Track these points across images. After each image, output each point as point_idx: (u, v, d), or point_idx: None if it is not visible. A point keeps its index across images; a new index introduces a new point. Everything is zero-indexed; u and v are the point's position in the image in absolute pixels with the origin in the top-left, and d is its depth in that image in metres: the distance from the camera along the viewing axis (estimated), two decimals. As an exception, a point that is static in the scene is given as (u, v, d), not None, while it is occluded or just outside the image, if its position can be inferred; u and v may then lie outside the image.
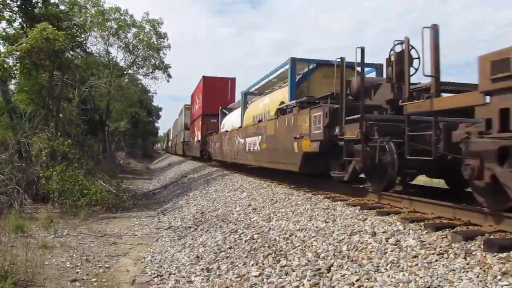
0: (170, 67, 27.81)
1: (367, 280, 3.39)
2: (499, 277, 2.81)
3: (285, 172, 9.32)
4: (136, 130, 50.29)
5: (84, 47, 18.92)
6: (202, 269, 5.22)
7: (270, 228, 5.84)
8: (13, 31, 12.48)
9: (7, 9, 12.31)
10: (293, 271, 4.06)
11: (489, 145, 3.83)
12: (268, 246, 5.08)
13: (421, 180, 8.69)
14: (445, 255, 3.35)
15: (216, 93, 21.14)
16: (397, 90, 5.81)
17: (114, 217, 10.19)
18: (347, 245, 4.20)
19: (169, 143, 53.54)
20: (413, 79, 5.57)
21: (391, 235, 4.08)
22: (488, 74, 3.69)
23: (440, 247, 3.50)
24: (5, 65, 10.65)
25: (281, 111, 9.10)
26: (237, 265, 4.88)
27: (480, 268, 2.98)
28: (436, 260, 3.30)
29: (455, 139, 4.36)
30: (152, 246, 7.30)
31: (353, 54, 6.36)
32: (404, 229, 4.17)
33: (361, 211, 5.24)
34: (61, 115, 13.85)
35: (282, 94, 10.22)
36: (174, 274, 5.39)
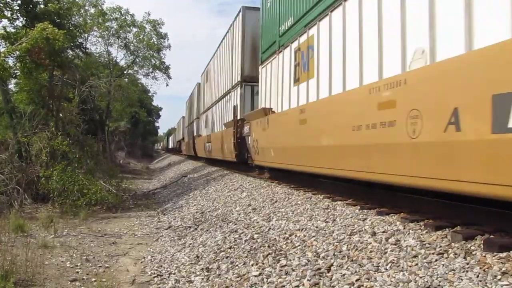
0: (169, 68, 27.90)
1: (367, 280, 3.39)
2: (499, 277, 2.81)
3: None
4: (136, 130, 50.32)
5: (83, 49, 18.93)
6: (202, 268, 5.22)
7: (270, 228, 5.84)
8: (14, 30, 12.49)
9: (8, 8, 12.31)
10: (293, 270, 4.06)
11: None
12: (268, 246, 5.08)
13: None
14: (445, 255, 3.35)
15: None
16: None
17: (114, 216, 10.20)
18: (347, 245, 4.20)
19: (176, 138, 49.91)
20: None
21: (391, 235, 4.08)
22: None
23: (440, 246, 3.50)
24: (5, 65, 10.66)
25: None
26: (237, 265, 4.87)
27: (480, 268, 2.98)
28: (436, 260, 3.30)
29: None
30: (152, 245, 7.30)
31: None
32: (404, 228, 4.17)
33: (361, 210, 5.25)
34: (61, 114, 13.84)
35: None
36: (174, 273, 5.39)
